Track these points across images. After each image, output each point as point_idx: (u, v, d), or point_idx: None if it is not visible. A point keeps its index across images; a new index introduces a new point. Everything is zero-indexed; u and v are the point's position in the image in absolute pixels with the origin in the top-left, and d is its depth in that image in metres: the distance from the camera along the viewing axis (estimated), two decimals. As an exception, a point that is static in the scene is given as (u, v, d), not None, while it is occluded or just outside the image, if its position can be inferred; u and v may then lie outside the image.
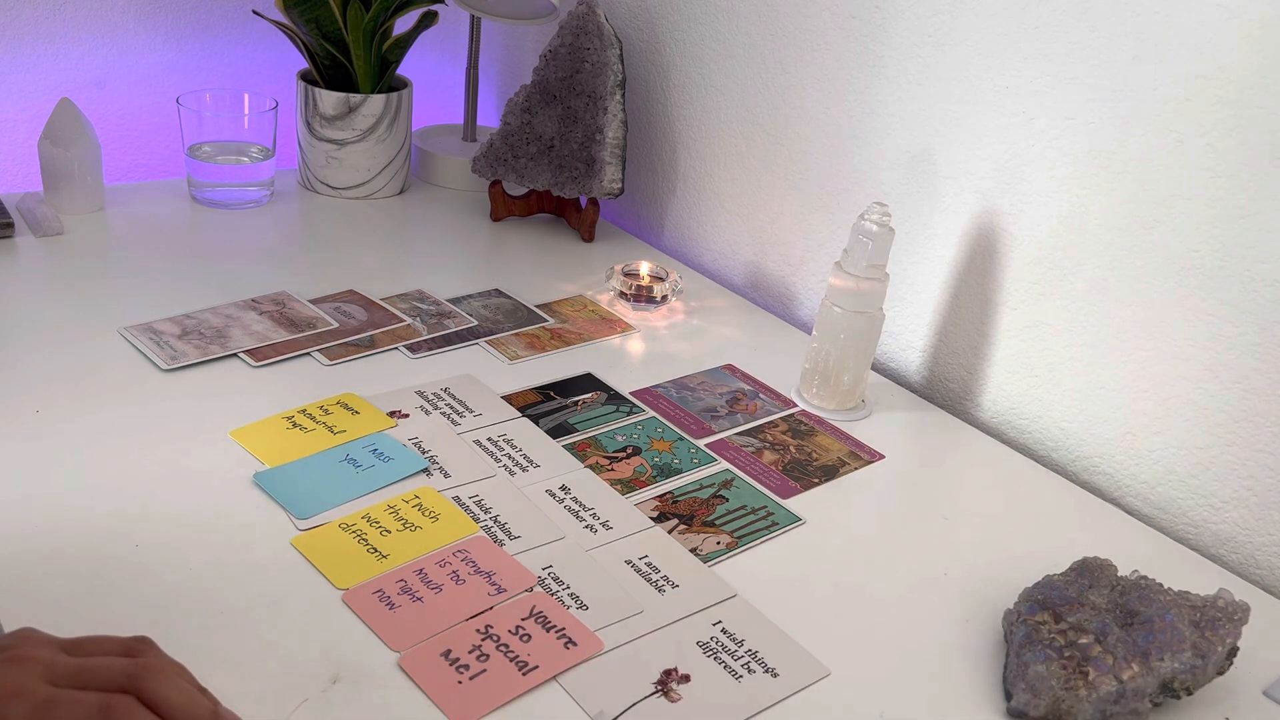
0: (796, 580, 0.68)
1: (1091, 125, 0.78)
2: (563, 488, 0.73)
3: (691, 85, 1.11)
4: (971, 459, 0.84)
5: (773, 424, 0.84)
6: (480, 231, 1.14)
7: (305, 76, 1.14)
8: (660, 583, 0.66)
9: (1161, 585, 0.62)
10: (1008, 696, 0.59)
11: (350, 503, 0.69)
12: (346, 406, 0.79)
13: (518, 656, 0.58)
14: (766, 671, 0.60)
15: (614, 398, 0.85)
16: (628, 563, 0.67)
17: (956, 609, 0.67)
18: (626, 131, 1.09)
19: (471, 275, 1.03)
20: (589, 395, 0.85)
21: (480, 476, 0.73)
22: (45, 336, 0.83)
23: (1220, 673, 0.59)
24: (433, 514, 0.69)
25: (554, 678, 0.58)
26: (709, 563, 0.68)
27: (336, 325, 0.89)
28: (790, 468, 0.79)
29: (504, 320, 0.95)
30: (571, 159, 1.09)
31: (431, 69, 1.38)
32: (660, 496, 0.74)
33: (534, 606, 0.62)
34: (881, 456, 0.82)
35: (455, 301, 0.97)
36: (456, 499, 0.71)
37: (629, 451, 0.78)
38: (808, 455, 0.81)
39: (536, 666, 0.58)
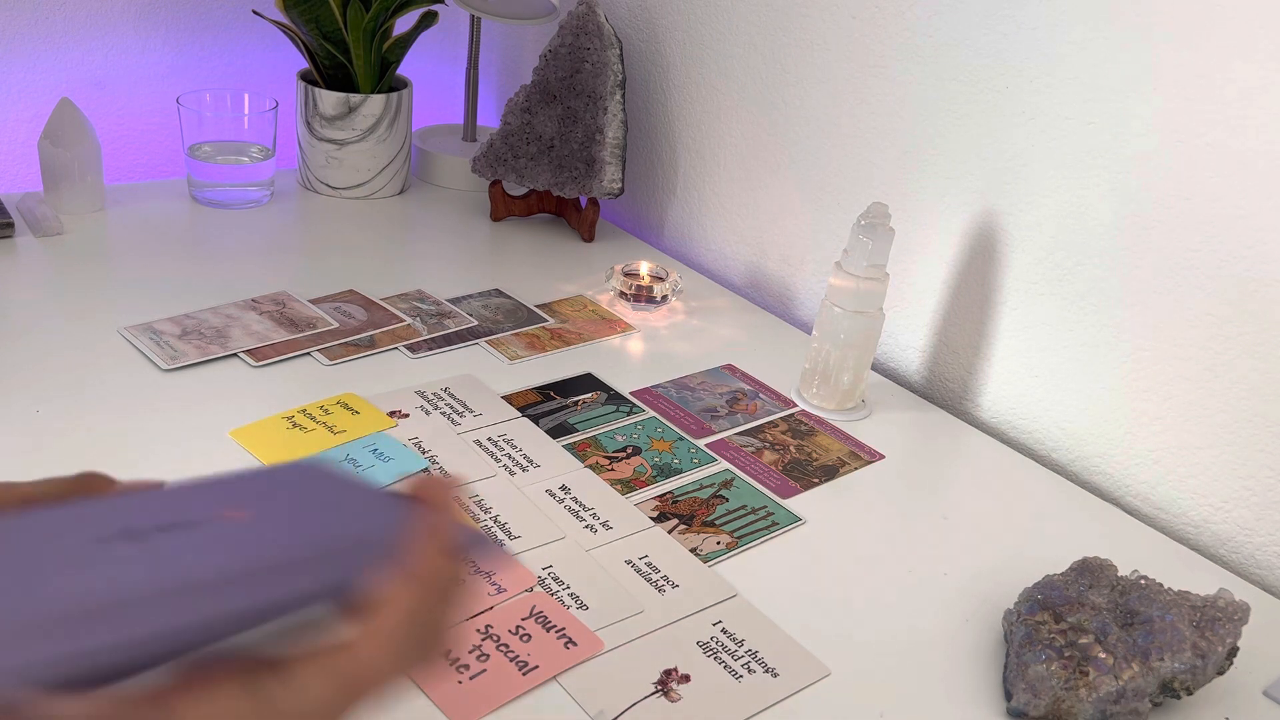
0: (796, 580, 0.68)
1: (1091, 125, 0.78)
2: (563, 488, 0.73)
3: (691, 85, 1.11)
4: (971, 459, 0.84)
5: (773, 424, 0.84)
6: (480, 231, 1.14)
7: (305, 76, 1.14)
8: (660, 583, 0.66)
9: (1161, 585, 0.62)
10: (1008, 696, 0.59)
11: (350, 503, 0.69)
12: (346, 406, 0.79)
13: (518, 656, 0.58)
14: (766, 671, 0.60)
15: (614, 398, 0.85)
16: (628, 563, 0.67)
17: (956, 609, 0.67)
18: (626, 131, 1.09)
19: (471, 275, 1.03)
20: (589, 395, 0.85)
21: (480, 476, 0.73)
22: (45, 336, 0.83)
23: (1220, 673, 0.59)
24: (433, 514, 0.69)
25: (554, 678, 0.58)
26: (709, 563, 0.68)
27: (336, 325, 0.89)
28: (790, 468, 0.79)
29: (504, 320, 0.95)
30: (571, 159, 1.09)
31: (431, 69, 1.38)
32: (660, 496, 0.74)
33: (534, 606, 0.62)
34: (881, 456, 0.82)
35: (455, 301, 0.97)
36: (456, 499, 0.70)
37: (629, 451, 0.78)
38: (808, 455, 0.81)
39: (536, 666, 0.58)
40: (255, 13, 1.14)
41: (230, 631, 0.30)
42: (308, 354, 0.85)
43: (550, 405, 0.83)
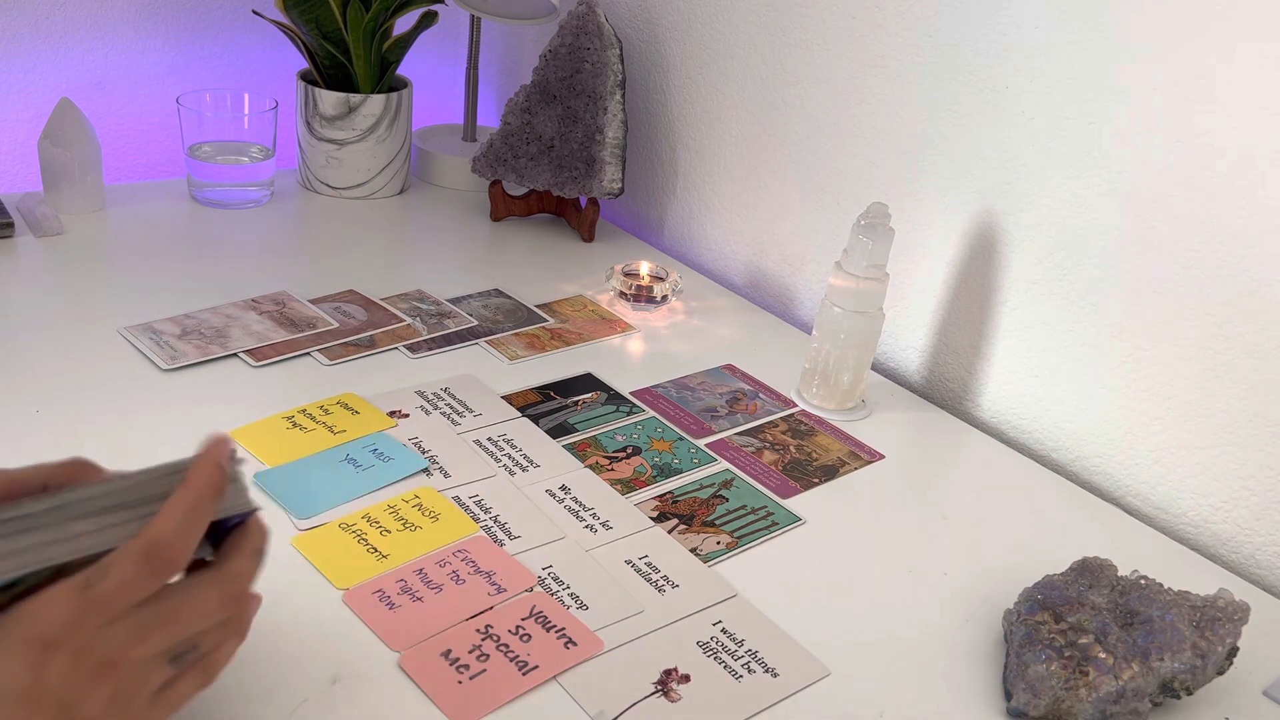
0: (796, 580, 0.68)
1: (1091, 125, 0.78)
2: (563, 488, 0.73)
3: (691, 85, 1.11)
4: (971, 459, 0.84)
5: (773, 424, 0.84)
6: (480, 231, 1.14)
7: (305, 76, 1.14)
8: (660, 583, 0.66)
9: (1161, 585, 0.62)
10: (1008, 696, 0.59)
11: (350, 502, 0.69)
12: (346, 406, 0.79)
13: (518, 656, 0.58)
14: (766, 671, 0.60)
15: (614, 398, 0.85)
16: (628, 563, 0.67)
17: (956, 609, 0.67)
18: (626, 131, 1.09)
19: (471, 275, 1.03)
20: (589, 395, 0.85)
21: (480, 476, 0.73)
22: (45, 336, 0.83)
23: (1220, 673, 0.59)
24: (433, 514, 0.69)
25: (554, 678, 0.58)
26: (709, 563, 0.68)
27: (336, 325, 0.89)
28: (790, 468, 0.79)
29: (504, 320, 0.95)
30: (571, 159, 1.09)
31: (431, 69, 1.38)
32: (660, 496, 0.74)
33: (534, 606, 0.62)
34: (881, 456, 0.82)
35: (455, 301, 0.97)
36: (456, 499, 0.71)
37: (629, 451, 0.78)
38: (808, 455, 0.81)
39: (536, 666, 0.58)
40: (255, 13, 1.14)
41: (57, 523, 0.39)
42: (308, 354, 0.85)
43: (550, 405, 0.83)
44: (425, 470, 0.73)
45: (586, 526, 0.70)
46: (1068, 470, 0.85)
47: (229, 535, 0.44)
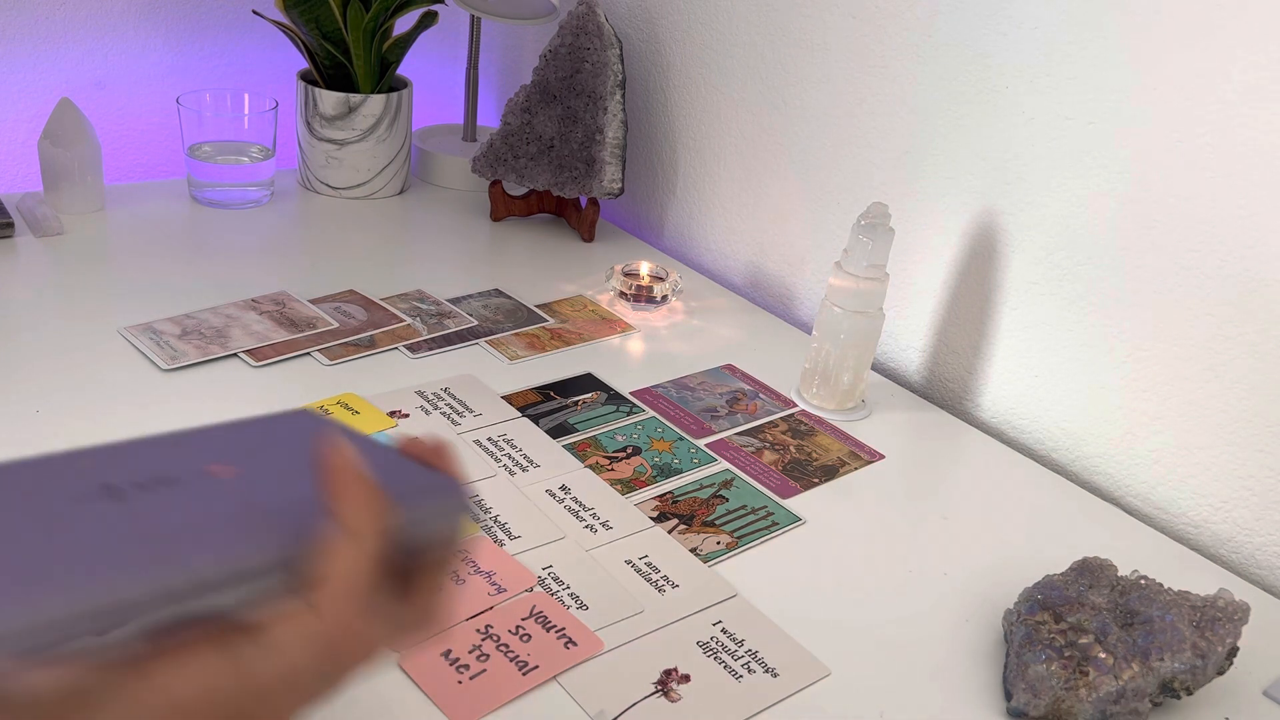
0: (796, 580, 0.68)
1: (1091, 125, 0.78)
2: (563, 488, 0.73)
3: (691, 85, 1.11)
4: (971, 459, 0.84)
5: (773, 424, 0.84)
6: (480, 231, 1.14)
7: (305, 76, 1.14)
8: (660, 583, 0.66)
9: (1161, 585, 0.62)
10: (1008, 696, 0.59)
11: (350, 503, 0.69)
12: (346, 406, 0.79)
13: (518, 656, 0.58)
14: (766, 671, 0.60)
15: (614, 398, 0.85)
16: (628, 563, 0.67)
17: (956, 609, 0.67)
18: (626, 131, 1.09)
19: (471, 275, 1.03)
20: (589, 395, 0.85)
21: (480, 476, 0.73)
22: (45, 336, 0.83)
23: (1220, 673, 0.59)
24: (433, 514, 0.69)
25: (554, 678, 0.58)
26: (709, 563, 0.68)
27: (336, 325, 0.89)
28: (790, 468, 0.79)
29: (504, 320, 0.95)
30: (571, 159, 1.09)
31: (431, 69, 1.38)
32: (660, 496, 0.74)
33: (534, 606, 0.62)
34: (881, 456, 0.82)
35: (455, 301, 0.97)
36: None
37: (629, 451, 0.78)
38: (808, 455, 0.81)
39: (536, 666, 0.58)
40: (255, 13, 1.14)
41: (199, 594, 0.29)
42: (308, 354, 0.85)
43: (550, 405, 0.83)
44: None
45: (586, 526, 0.70)
46: (1068, 470, 0.85)
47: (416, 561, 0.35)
